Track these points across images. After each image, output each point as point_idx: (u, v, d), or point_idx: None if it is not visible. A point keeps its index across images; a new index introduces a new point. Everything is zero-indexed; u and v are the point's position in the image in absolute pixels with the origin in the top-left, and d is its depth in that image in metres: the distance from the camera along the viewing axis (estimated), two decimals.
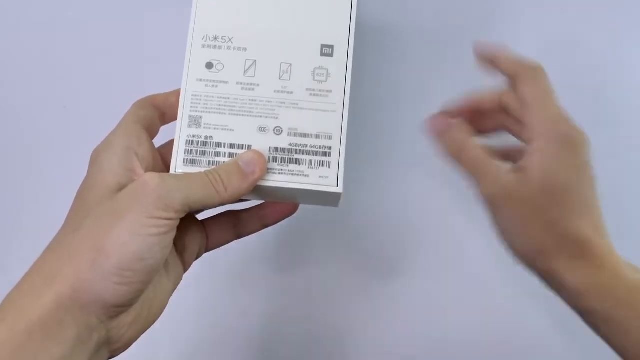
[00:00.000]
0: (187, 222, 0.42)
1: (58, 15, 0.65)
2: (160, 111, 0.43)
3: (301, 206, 0.46)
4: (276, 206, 0.46)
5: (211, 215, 0.46)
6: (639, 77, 0.66)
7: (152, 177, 0.36)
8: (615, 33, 0.67)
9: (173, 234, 0.37)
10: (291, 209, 0.46)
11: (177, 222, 0.37)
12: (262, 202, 0.46)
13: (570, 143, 0.41)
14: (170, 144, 0.42)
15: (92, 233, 0.35)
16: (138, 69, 0.63)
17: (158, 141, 0.43)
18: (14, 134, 0.63)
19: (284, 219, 0.46)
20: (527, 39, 0.66)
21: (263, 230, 0.47)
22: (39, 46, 0.65)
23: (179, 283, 0.43)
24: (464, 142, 0.45)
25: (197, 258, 0.44)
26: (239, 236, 0.46)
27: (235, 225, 0.46)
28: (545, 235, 0.41)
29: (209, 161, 0.41)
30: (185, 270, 0.43)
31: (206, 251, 0.46)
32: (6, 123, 0.63)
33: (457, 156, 0.45)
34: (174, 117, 0.42)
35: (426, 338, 0.60)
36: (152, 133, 0.42)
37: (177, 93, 0.42)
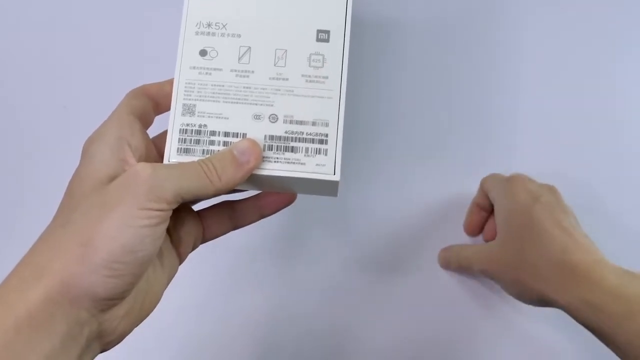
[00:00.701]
0: (183, 212, 0.42)
1: (58, 15, 0.66)
2: (154, 101, 0.42)
3: (299, 198, 0.45)
4: (273, 196, 0.45)
5: (207, 206, 0.45)
6: (638, 77, 0.66)
7: (144, 167, 0.35)
8: (615, 33, 0.66)
9: (165, 226, 0.36)
10: (289, 199, 0.45)
11: (169, 213, 0.36)
12: (259, 192, 0.45)
13: (518, 201, 0.51)
14: (164, 134, 0.41)
15: (81, 227, 0.34)
16: (138, 69, 0.63)
17: (153, 131, 0.43)
18: (13, 133, 0.63)
19: (281, 209, 0.45)
20: (527, 35, 0.66)
21: (260, 225, 0.46)
22: (39, 46, 0.65)
23: (174, 275, 0.42)
24: (454, 252, 0.58)
25: (193, 249, 0.44)
26: (235, 227, 0.45)
27: (231, 215, 0.45)
28: (522, 269, 0.49)
29: (203, 150, 0.40)
30: (180, 262, 0.42)
31: (202, 242, 0.45)
32: (6, 123, 0.64)
33: (454, 262, 0.58)
34: (168, 107, 0.42)
35: (425, 334, 0.59)
36: (145, 123, 0.41)
37: (171, 82, 0.42)
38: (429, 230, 0.61)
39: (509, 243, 0.51)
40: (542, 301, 0.47)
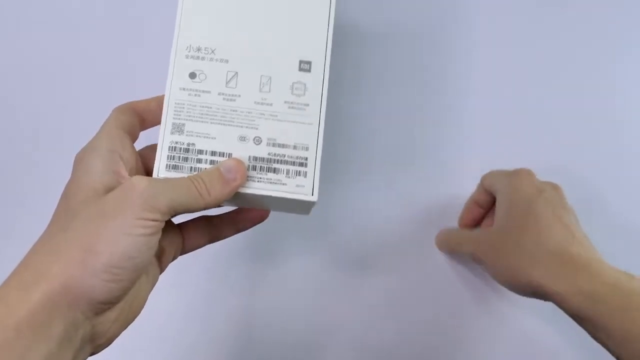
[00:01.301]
0: (165, 225, 0.44)
1: (58, 15, 0.66)
2: (140, 117, 0.44)
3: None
4: (249, 212, 0.47)
5: (187, 220, 0.47)
6: (638, 77, 0.66)
7: (140, 180, 0.37)
8: (615, 33, 0.67)
9: (159, 235, 0.38)
10: (263, 215, 0.48)
11: (162, 224, 0.38)
12: (236, 208, 0.48)
13: (522, 191, 0.51)
14: (148, 149, 0.44)
15: (82, 234, 0.36)
16: (138, 70, 0.64)
17: (137, 146, 0.44)
18: (14, 134, 0.63)
19: (256, 224, 0.48)
20: (527, 35, 0.66)
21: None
22: (39, 46, 0.65)
23: (155, 283, 0.44)
24: (447, 233, 0.60)
25: (173, 260, 0.46)
26: (212, 240, 0.48)
27: (209, 229, 0.47)
28: (518, 256, 0.49)
29: (191, 167, 0.42)
30: (161, 271, 0.45)
31: (182, 254, 0.47)
32: (6, 123, 0.64)
33: (445, 243, 0.60)
34: (154, 123, 0.44)
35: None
36: (133, 138, 0.43)
37: (157, 99, 0.44)
38: (425, 231, 0.62)
39: (507, 230, 0.51)
40: (532, 289, 0.48)
